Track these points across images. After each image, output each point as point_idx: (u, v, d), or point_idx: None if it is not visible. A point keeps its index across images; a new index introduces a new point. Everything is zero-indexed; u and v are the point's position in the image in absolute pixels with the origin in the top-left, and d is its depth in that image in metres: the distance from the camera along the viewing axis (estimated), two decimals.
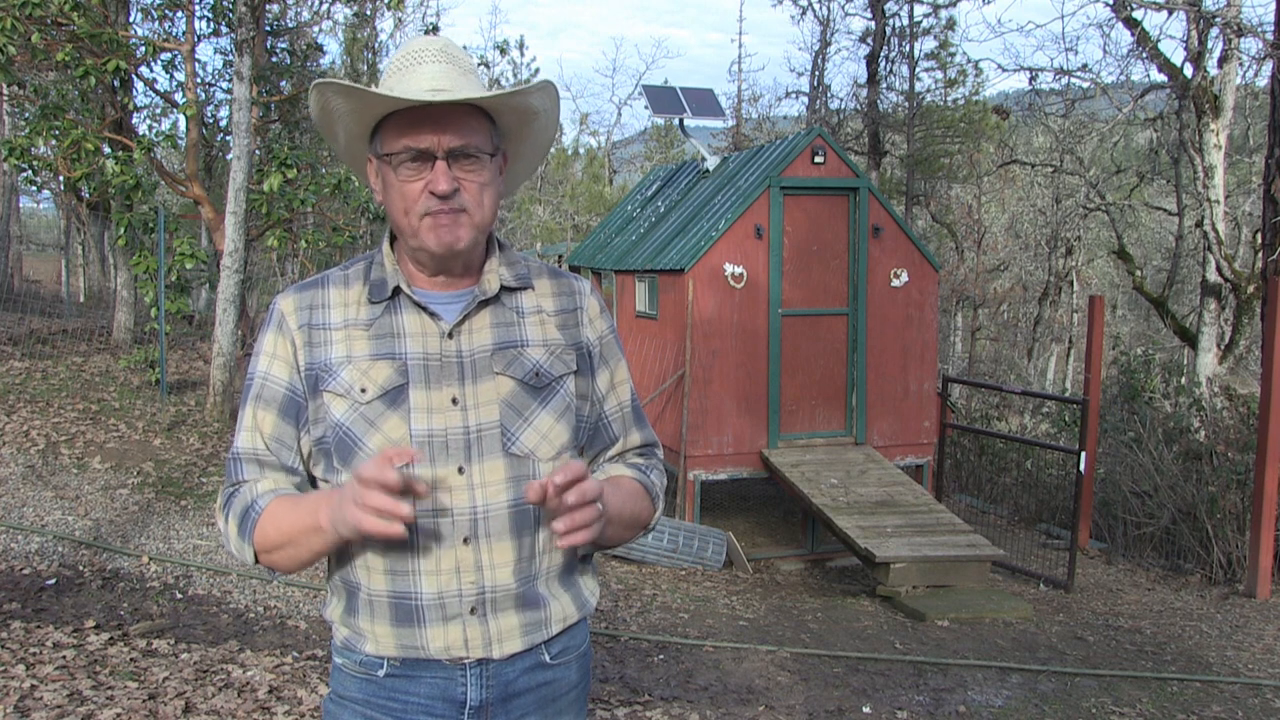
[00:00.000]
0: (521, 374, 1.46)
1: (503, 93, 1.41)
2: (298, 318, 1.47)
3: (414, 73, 1.41)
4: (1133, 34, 11.63)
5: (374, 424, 1.41)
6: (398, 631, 1.43)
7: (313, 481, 1.49)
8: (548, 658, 1.51)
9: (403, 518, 1.22)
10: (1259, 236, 11.02)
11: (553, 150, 34.19)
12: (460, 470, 1.42)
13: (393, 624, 1.43)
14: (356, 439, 1.41)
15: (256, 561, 1.44)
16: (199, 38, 10.31)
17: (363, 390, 1.42)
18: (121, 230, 9.47)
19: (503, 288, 1.50)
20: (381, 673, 1.45)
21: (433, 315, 1.45)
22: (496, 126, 1.47)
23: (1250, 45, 10.92)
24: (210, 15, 10.28)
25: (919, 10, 18.95)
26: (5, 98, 13.52)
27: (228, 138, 11.85)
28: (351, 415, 1.42)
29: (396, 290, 1.47)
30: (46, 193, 18.63)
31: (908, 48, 19.08)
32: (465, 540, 1.41)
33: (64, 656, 3.86)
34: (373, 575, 1.43)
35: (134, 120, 11.00)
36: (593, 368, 1.55)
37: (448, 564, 1.41)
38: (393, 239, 1.52)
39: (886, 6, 18.38)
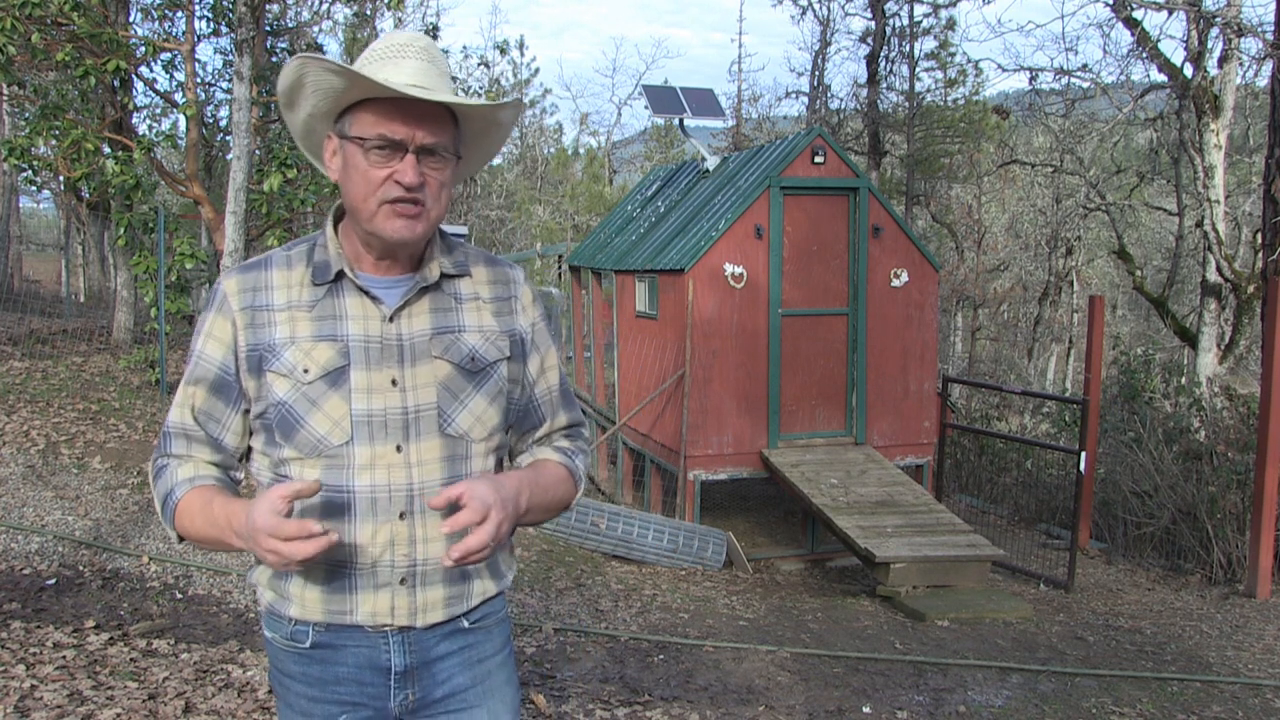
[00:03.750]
0: (458, 358, 1.53)
1: (485, 104, 1.49)
2: (240, 299, 1.51)
3: (397, 65, 1.45)
4: (1133, 34, 11.62)
5: (316, 403, 1.47)
6: (327, 597, 1.50)
7: (248, 454, 1.57)
8: (466, 624, 1.59)
9: (298, 562, 1.32)
10: (1259, 236, 11.03)
11: (552, 150, 34.18)
12: (398, 449, 1.49)
13: (323, 589, 1.50)
14: (299, 417, 1.47)
15: (181, 541, 1.53)
16: (199, 38, 10.30)
17: (305, 370, 1.47)
18: (121, 230, 9.47)
19: (443, 275, 1.56)
20: (308, 643, 1.52)
21: (374, 299, 1.51)
22: (459, 131, 1.53)
23: (1250, 45, 10.93)
24: (210, 15, 10.28)
25: (919, 10, 18.97)
26: (5, 98, 13.52)
27: (228, 138, 11.86)
28: (294, 395, 1.47)
29: (340, 274, 1.51)
30: (46, 193, 18.65)
31: (908, 48, 19.07)
32: (401, 515, 1.49)
33: (64, 656, 3.86)
34: None
35: (134, 120, 11.00)
36: (525, 353, 1.63)
37: (383, 537, 1.48)
38: (335, 221, 1.57)
39: (886, 6, 18.38)
